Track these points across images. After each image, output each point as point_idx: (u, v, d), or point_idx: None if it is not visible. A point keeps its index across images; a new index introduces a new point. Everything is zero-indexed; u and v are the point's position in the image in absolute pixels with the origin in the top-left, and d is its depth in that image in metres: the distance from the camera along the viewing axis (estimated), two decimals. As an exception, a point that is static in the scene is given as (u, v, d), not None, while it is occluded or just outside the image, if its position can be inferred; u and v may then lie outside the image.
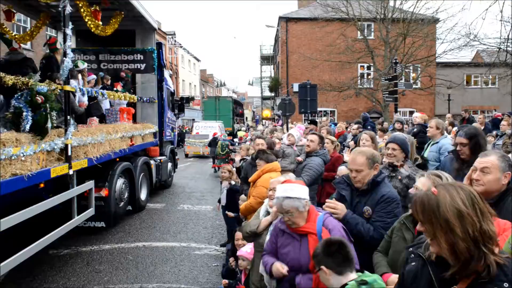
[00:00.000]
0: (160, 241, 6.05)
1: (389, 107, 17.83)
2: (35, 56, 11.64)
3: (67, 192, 4.73)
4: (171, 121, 10.11)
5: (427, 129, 6.16)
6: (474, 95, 23.37)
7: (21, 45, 6.60)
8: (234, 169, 5.93)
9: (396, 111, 14.61)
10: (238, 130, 23.66)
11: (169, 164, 9.81)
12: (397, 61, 15.71)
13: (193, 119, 31.67)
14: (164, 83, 8.91)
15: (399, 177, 3.25)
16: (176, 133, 11.21)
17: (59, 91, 4.64)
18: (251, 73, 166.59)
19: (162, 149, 9.11)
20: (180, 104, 11.01)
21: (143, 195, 7.70)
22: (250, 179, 4.02)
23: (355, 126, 8.72)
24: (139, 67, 8.01)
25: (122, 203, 6.66)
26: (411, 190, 2.20)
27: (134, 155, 7.45)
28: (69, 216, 4.88)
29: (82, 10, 5.37)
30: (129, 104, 7.68)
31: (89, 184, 5.35)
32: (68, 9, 4.74)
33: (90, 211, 5.40)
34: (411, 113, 21.19)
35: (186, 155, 18.97)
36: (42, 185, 4.43)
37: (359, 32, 19.88)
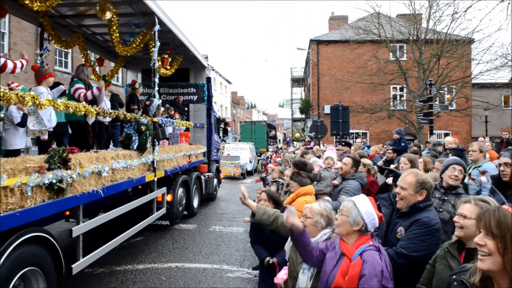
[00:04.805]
0: (192, 262, 6.45)
1: (423, 129, 18.63)
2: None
3: (152, 194, 7.18)
4: (217, 143, 12.73)
5: (461, 153, 6.51)
6: (513, 117, 24.07)
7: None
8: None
9: (431, 134, 15.41)
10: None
11: (215, 180, 12.43)
12: (432, 82, 16.60)
13: (224, 140, 34.49)
14: (212, 111, 11.52)
15: (452, 202, 3.28)
16: (221, 154, 13.71)
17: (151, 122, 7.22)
18: (282, 95, 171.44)
19: (210, 166, 11.64)
20: (224, 128, 13.64)
21: (195, 203, 10.17)
22: (284, 203, 4.16)
23: (391, 149, 8.78)
24: (192, 98, 10.69)
25: (180, 208, 9.09)
26: (455, 219, 2.25)
27: (188, 170, 9.92)
28: (139, 216, 6.84)
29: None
30: (185, 129, 10.26)
31: (163, 190, 7.82)
32: (156, 64, 7.39)
33: (163, 210, 7.81)
34: (446, 135, 21.90)
35: None
36: (139, 187, 6.92)
37: (391, 54, 21.00)
